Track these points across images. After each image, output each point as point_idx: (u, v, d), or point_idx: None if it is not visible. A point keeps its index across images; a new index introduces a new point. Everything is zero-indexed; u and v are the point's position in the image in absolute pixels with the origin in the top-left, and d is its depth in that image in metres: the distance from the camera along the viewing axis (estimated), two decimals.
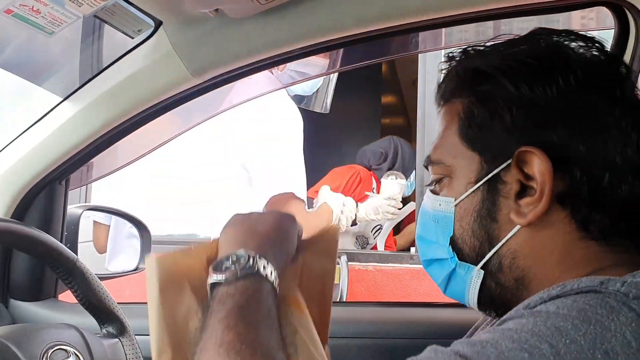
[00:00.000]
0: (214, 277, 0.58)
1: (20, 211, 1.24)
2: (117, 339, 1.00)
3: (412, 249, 2.61)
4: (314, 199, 2.01)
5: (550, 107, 0.62)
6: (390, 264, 2.58)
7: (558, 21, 1.50)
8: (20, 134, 1.20)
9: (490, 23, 1.54)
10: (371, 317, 1.33)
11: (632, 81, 0.66)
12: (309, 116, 2.28)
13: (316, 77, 2.21)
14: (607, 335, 0.47)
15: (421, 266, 2.56)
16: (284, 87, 1.77)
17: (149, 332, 1.28)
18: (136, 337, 1.04)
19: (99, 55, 1.23)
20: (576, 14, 1.51)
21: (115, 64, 1.12)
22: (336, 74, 2.07)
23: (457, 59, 0.70)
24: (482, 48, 0.69)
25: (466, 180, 0.66)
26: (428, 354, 0.52)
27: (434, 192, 0.71)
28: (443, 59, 0.72)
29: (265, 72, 1.69)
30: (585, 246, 0.62)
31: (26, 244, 0.95)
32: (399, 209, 2.25)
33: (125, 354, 0.99)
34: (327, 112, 2.09)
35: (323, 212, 1.88)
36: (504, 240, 0.64)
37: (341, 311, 1.35)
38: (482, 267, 0.66)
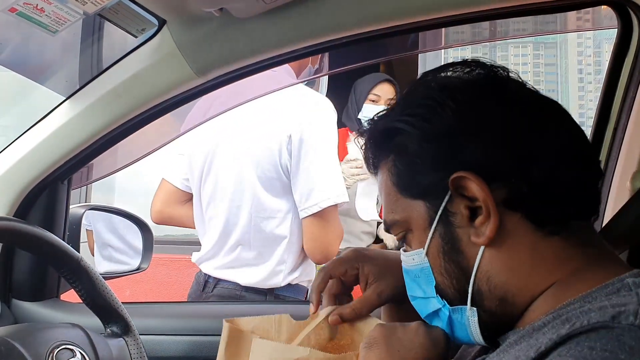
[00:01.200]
0: None
1: (23, 210, 1.23)
2: (122, 339, 1.00)
3: None
4: None
5: (453, 129, 0.64)
6: None
7: (555, 22, 1.50)
8: (23, 133, 1.20)
9: (486, 24, 1.54)
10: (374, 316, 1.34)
11: (515, 80, 0.69)
12: None
13: (316, 77, 2.20)
14: None
15: None
16: (300, 82, 1.72)
17: (152, 332, 1.28)
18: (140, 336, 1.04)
19: (102, 54, 1.23)
20: (572, 15, 1.52)
21: (119, 63, 1.12)
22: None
23: (367, 129, 0.74)
24: (384, 111, 0.73)
25: (422, 227, 0.68)
26: None
27: (405, 250, 0.72)
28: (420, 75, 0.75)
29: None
30: (551, 244, 0.63)
31: (30, 243, 0.95)
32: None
33: (130, 354, 0.99)
34: None
35: None
36: (475, 266, 0.64)
37: None
38: (471, 304, 0.66)
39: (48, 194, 1.26)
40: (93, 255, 2.09)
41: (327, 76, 2.64)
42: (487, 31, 1.57)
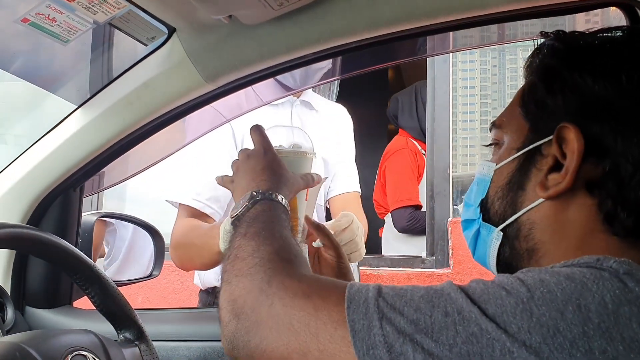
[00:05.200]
0: (232, 215, 0.78)
1: (36, 218, 1.25)
2: (135, 345, 1.00)
3: (424, 253, 2.61)
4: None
5: (604, 101, 0.63)
6: (401, 269, 2.58)
7: (563, 24, 1.50)
8: (36, 142, 1.22)
9: (494, 28, 1.54)
10: None
11: None
12: None
13: (324, 83, 2.19)
14: (585, 293, 0.49)
15: (432, 270, 2.57)
16: (291, 93, 1.72)
17: (165, 338, 1.28)
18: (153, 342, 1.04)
19: (112, 63, 1.24)
20: (580, 16, 1.51)
21: (129, 71, 1.13)
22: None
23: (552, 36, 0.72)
24: (566, 34, 0.71)
25: (511, 147, 0.70)
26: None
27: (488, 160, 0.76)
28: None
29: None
30: (606, 239, 0.62)
31: (44, 250, 0.95)
32: None
33: (143, 359, 0.99)
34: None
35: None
36: (525, 209, 0.66)
37: None
38: (502, 230, 0.69)
39: (60, 201, 1.28)
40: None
41: (338, 81, 2.64)
42: (495, 35, 1.57)
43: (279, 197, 0.80)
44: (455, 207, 2.62)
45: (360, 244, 1.19)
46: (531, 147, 0.67)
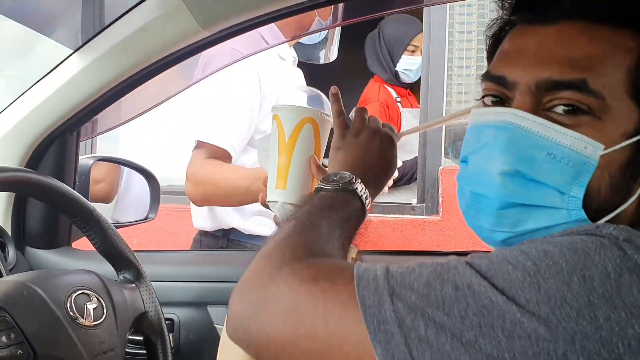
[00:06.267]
0: (319, 185, 0.75)
1: (34, 162, 1.27)
2: (134, 285, 1.04)
3: (414, 200, 2.65)
4: None
5: None
6: (391, 215, 2.63)
7: None
8: (33, 86, 1.22)
9: None
10: None
11: None
12: (313, 70, 2.26)
13: (317, 32, 2.17)
14: (588, 264, 0.50)
15: (422, 217, 2.58)
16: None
17: (162, 279, 1.32)
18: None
19: (108, 7, 1.23)
20: None
21: (125, 16, 1.13)
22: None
23: None
24: None
25: (622, 129, 0.60)
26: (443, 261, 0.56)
27: (561, 123, 0.61)
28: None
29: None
30: None
31: (44, 193, 0.97)
32: None
33: (142, 299, 1.03)
34: (333, 60, 2.01)
35: None
36: (629, 201, 0.62)
37: None
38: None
39: (58, 145, 1.29)
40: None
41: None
42: None
43: (367, 201, 0.76)
44: (447, 157, 2.64)
45: None
46: None
